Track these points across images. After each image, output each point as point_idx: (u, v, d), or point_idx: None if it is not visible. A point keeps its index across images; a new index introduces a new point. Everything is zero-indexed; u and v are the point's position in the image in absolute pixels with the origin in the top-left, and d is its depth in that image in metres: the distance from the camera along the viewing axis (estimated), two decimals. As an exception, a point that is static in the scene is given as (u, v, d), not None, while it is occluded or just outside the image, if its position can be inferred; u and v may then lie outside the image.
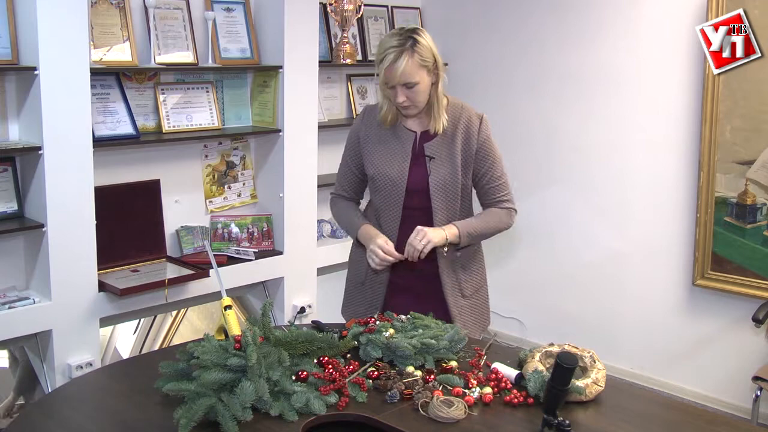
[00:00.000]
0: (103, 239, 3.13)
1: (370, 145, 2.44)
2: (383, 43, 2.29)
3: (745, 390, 3.59)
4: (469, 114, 2.42)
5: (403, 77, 2.25)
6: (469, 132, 2.39)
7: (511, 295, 4.45)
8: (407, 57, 2.24)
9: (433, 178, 2.37)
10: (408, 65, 2.24)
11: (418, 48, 2.25)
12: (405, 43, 2.25)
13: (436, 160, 2.37)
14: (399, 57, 2.23)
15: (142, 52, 3.34)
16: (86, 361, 3.09)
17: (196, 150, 3.66)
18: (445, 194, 2.38)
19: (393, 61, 2.24)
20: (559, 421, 1.70)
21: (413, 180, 2.38)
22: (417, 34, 2.27)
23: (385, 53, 2.25)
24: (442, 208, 2.39)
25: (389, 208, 2.42)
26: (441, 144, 2.38)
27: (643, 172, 3.95)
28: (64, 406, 1.94)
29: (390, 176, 2.40)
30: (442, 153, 2.38)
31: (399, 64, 2.23)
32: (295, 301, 3.86)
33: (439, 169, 2.37)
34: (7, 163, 3.01)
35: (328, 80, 4.21)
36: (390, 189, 2.40)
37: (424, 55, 2.26)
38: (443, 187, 2.38)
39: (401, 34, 2.27)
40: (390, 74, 2.26)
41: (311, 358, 2.01)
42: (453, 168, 2.37)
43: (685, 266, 3.85)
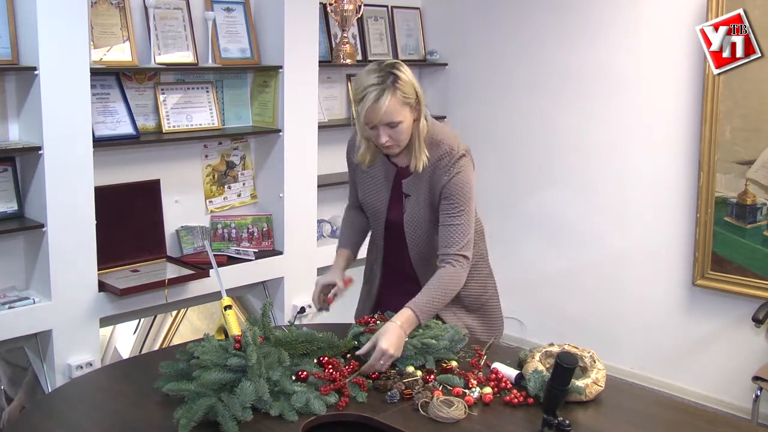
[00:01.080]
0: (103, 239, 3.13)
1: (359, 171, 2.42)
2: (361, 80, 2.14)
3: (745, 390, 3.59)
4: (443, 151, 2.24)
5: (386, 117, 2.11)
6: (436, 171, 2.24)
7: (511, 295, 4.43)
8: (389, 95, 2.09)
9: (407, 215, 2.32)
10: (391, 103, 2.10)
11: (400, 84, 2.11)
12: (386, 80, 2.10)
13: (411, 198, 2.30)
14: (381, 95, 2.09)
15: (142, 52, 3.34)
16: (86, 361, 3.09)
17: (196, 150, 3.66)
18: (418, 232, 2.32)
19: (375, 100, 2.09)
20: (559, 421, 1.70)
21: (392, 213, 2.35)
22: (397, 69, 2.13)
23: (365, 92, 2.11)
24: (416, 244, 2.34)
25: (375, 233, 2.45)
26: (416, 182, 2.29)
27: (643, 172, 3.95)
28: (64, 406, 1.95)
29: (373, 206, 2.39)
30: (418, 191, 2.29)
31: (381, 103, 2.09)
32: (295, 301, 3.86)
33: (413, 207, 2.30)
34: (7, 163, 3.01)
35: (328, 80, 4.21)
36: (373, 217, 2.41)
37: (406, 91, 2.12)
38: (416, 225, 2.31)
39: (380, 70, 2.12)
40: (372, 114, 2.11)
41: (311, 358, 2.01)
42: (424, 205, 2.29)
43: (685, 266, 3.85)
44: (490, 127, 4.50)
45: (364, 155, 2.31)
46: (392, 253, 2.42)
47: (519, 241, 4.42)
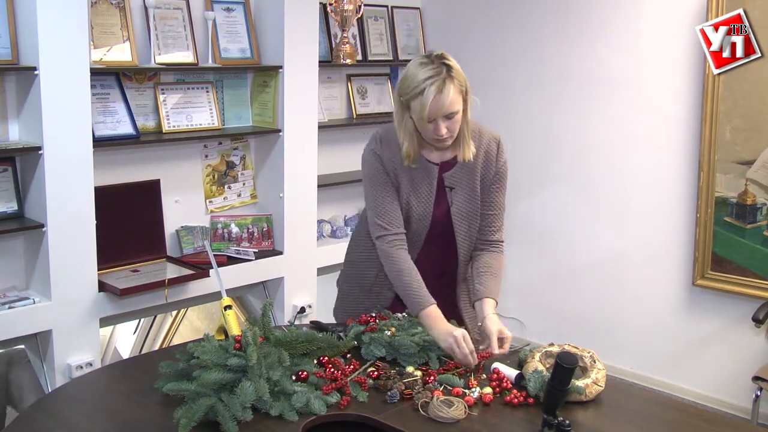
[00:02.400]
0: (103, 239, 3.13)
1: (401, 176, 2.28)
2: (414, 75, 2.10)
3: (745, 390, 3.59)
4: (487, 139, 2.34)
5: (449, 107, 2.10)
6: (488, 158, 2.32)
7: (511, 295, 4.45)
8: (450, 84, 2.09)
9: (455, 208, 2.32)
10: (453, 94, 2.09)
11: (455, 73, 2.11)
12: (441, 71, 2.09)
13: (457, 190, 2.31)
14: (443, 86, 2.08)
15: (142, 52, 3.34)
16: (86, 361, 3.09)
17: (196, 150, 3.66)
18: (468, 222, 2.34)
19: (437, 92, 2.07)
20: (559, 421, 1.70)
21: (437, 212, 2.33)
22: (446, 59, 2.13)
23: (423, 86, 2.07)
24: (465, 236, 2.36)
25: (413, 235, 2.34)
26: (461, 173, 2.31)
27: (643, 171, 3.95)
28: (64, 406, 1.94)
29: (418, 211, 2.31)
30: (463, 181, 2.31)
31: (446, 94, 2.08)
32: (295, 301, 3.86)
33: (459, 199, 2.31)
34: (7, 163, 3.01)
35: (328, 80, 4.21)
36: (416, 221, 2.32)
37: (460, 80, 2.13)
38: (465, 215, 2.33)
39: (432, 62, 2.11)
40: (436, 106, 2.08)
41: (311, 358, 2.01)
42: (473, 195, 2.32)
43: (685, 266, 3.85)
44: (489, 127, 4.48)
45: (409, 151, 2.24)
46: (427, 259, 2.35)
47: (519, 241, 4.42)
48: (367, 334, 2.13)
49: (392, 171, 2.29)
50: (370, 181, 2.31)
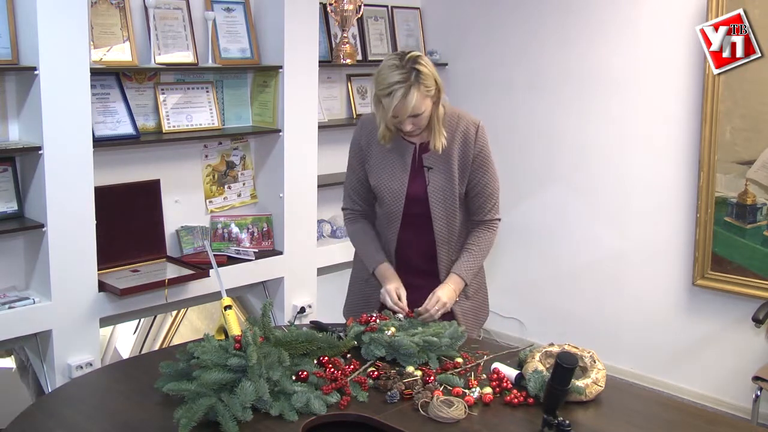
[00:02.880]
0: (103, 239, 3.13)
1: (372, 156, 2.46)
2: (385, 76, 2.24)
3: (745, 390, 3.59)
4: (466, 123, 2.42)
5: (413, 111, 2.25)
6: (466, 142, 2.41)
7: (511, 295, 4.45)
8: (415, 91, 2.22)
9: (432, 188, 2.40)
10: (417, 99, 2.23)
11: (423, 79, 2.23)
12: (410, 77, 2.22)
13: (434, 171, 2.40)
14: (408, 92, 2.21)
15: (142, 52, 3.34)
16: (86, 361, 3.09)
17: (196, 150, 3.66)
18: (444, 203, 2.41)
19: (402, 97, 2.21)
20: (559, 421, 1.70)
21: (413, 190, 2.42)
22: (418, 63, 2.24)
23: (391, 89, 2.22)
24: (442, 217, 2.43)
25: (390, 216, 2.46)
26: (439, 154, 2.40)
27: (643, 172, 3.95)
28: (64, 406, 1.95)
29: (390, 188, 2.43)
30: (440, 163, 2.40)
31: (409, 100, 2.22)
32: (295, 301, 3.86)
33: (437, 179, 2.40)
34: (7, 163, 3.01)
35: (328, 80, 4.21)
36: (391, 199, 2.44)
37: (428, 84, 2.25)
38: (442, 196, 2.41)
39: (403, 66, 2.23)
40: (400, 110, 2.24)
41: (311, 358, 2.01)
42: (450, 177, 2.40)
43: (685, 266, 3.85)
44: (489, 127, 4.41)
45: (384, 134, 2.39)
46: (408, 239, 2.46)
47: (519, 241, 4.42)
48: (367, 334, 2.13)
49: (367, 150, 2.48)
50: (348, 164, 2.56)
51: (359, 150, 2.50)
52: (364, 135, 2.48)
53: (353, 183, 2.54)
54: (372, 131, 2.44)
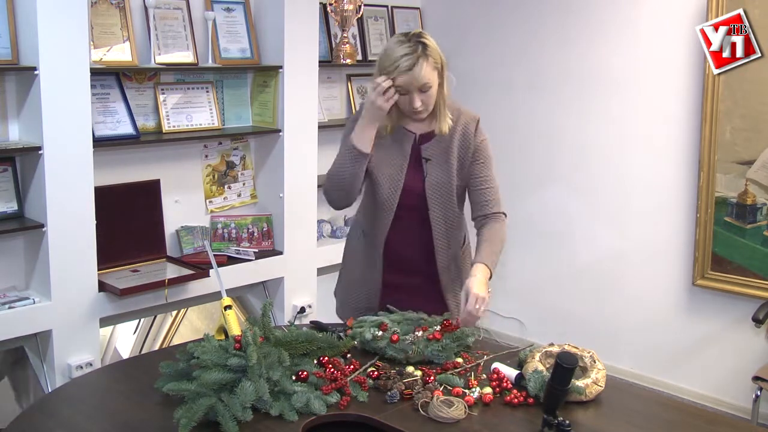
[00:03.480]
0: (103, 239, 3.13)
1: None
2: (392, 51, 2.25)
3: (745, 390, 3.59)
4: (466, 117, 2.43)
5: (422, 80, 2.24)
6: (466, 135, 2.41)
7: (511, 295, 4.45)
8: (423, 61, 2.23)
9: (429, 179, 2.39)
10: (425, 69, 2.24)
11: (429, 51, 2.25)
12: (417, 48, 2.23)
13: (433, 162, 2.39)
14: (416, 62, 2.22)
15: (142, 52, 3.34)
16: (86, 361, 3.09)
17: (196, 150, 3.66)
18: (441, 196, 2.40)
19: (409, 67, 2.22)
20: (559, 421, 1.70)
21: (410, 180, 2.40)
22: (423, 37, 2.27)
23: (398, 61, 2.22)
24: (438, 209, 2.40)
25: (384, 207, 2.41)
26: (438, 146, 2.39)
27: (643, 172, 3.95)
28: (64, 406, 1.94)
29: (388, 175, 2.40)
30: (439, 155, 2.39)
31: (417, 70, 2.22)
32: (295, 301, 3.86)
33: (435, 171, 2.39)
34: (7, 163, 3.01)
35: (328, 80, 4.21)
36: (387, 187, 2.40)
37: (435, 57, 2.27)
38: (439, 188, 2.39)
39: (409, 40, 2.25)
40: (408, 80, 2.24)
41: (311, 358, 2.01)
42: (449, 170, 2.39)
43: (685, 266, 3.85)
44: (489, 127, 4.43)
45: (386, 122, 2.37)
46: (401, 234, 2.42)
47: (519, 241, 4.42)
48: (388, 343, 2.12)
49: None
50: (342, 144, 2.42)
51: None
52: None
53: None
54: None
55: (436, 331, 2.14)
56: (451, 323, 2.18)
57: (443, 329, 2.16)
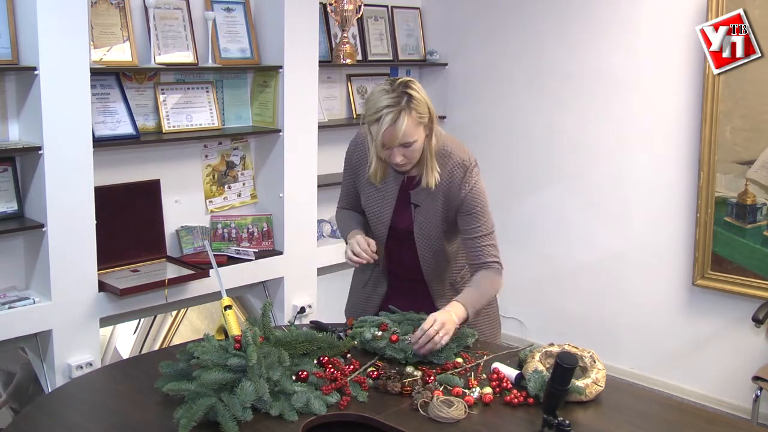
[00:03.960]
0: (103, 239, 3.13)
1: (361, 178, 2.38)
2: (375, 101, 2.13)
3: (745, 390, 3.59)
4: (454, 164, 2.26)
5: (403, 138, 2.12)
6: (452, 186, 2.26)
7: (511, 295, 4.44)
8: (406, 116, 2.09)
9: (418, 226, 2.32)
10: (408, 125, 2.10)
11: (414, 104, 2.11)
12: (401, 101, 2.10)
13: (422, 209, 2.31)
14: (398, 117, 2.09)
15: (142, 52, 3.34)
16: (86, 361, 3.09)
17: (196, 150, 3.66)
18: (429, 240, 2.34)
19: (392, 122, 2.09)
20: (559, 421, 1.70)
21: (397, 220, 2.35)
22: (410, 88, 2.13)
23: (380, 114, 2.10)
24: (427, 251, 2.35)
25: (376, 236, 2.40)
26: (425, 193, 2.29)
27: (643, 171, 3.95)
28: (64, 406, 1.95)
29: (375, 214, 2.37)
30: (427, 202, 2.30)
31: (399, 125, 2.09)
32: (295, 301, 3.86)
33: (423, 218, 2.31)
34: (7, 163, 3.01)
35: (328, 80, 4.21)
36: (376, 224, 2.39)
37: (420, 110, 2.13)
38: (427, 235, 2.33)
39: (394, 90, 2.12)
40: (389, 137, 2.11)
41: (311, 358, 2.01)
42: (435, 218, 2.31)
43: (685, 266, 3.85)
44: (489, 127, 4.50)
45: (376, 172, 2.30)
46: (396, 257, 2.41)
47: (519, 241, 4.42)
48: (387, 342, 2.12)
49: (357, 169, 2.40)
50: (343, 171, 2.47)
51: (351, 164, 2.41)
52: (356, 154, 2.39)
53: (345, 191, 2.49)
54: (363, 155, 2.35)
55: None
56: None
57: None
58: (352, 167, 2.42)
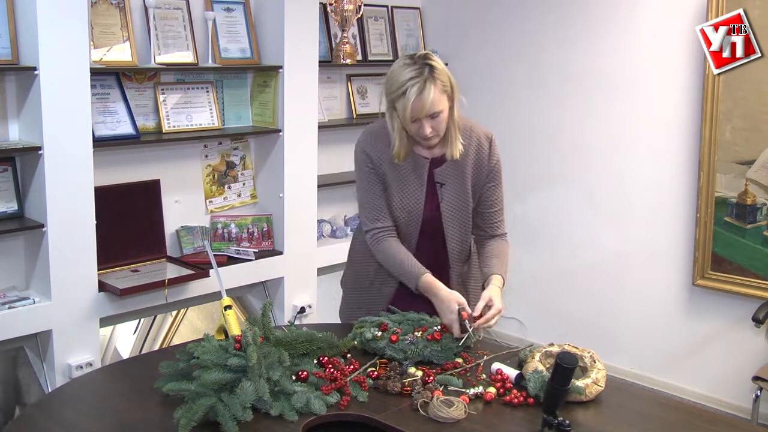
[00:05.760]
0: (103, 239, 3.13)
1: (388, 174, 2.33)
2: (398, 75, 2.15)
3: (745, 390, 3.59)
4: (478, 136, 2.35)
5: (431, 107, 2.14)
6: (480, 156, 2.34)
7: (511, 295, 4.43)
8: (431, 85, 2.13)
9: (445, 204, 2.33)
10: (435, 94, 2.13)
11: (437, 74, 2.15)
12: (423, 71, 2.13)
13: (447, 186, 2.33)
14: (424, 87, 2.12)
15: (142, 52, 3.34)
16: (86, 361, 3.09)
17: (196, 150, 3.66)
18: (458, 219, 2.35)
19: (418, 93, 2.12)
20: (559, 421, 1.70)
21: (428, 208, 2.34)
22: (430, 59, 2.16)
23: (405, 86, 2.12)
24: (455, 233, 2.37)
25: (405, 233, 2.37)
26: (451, 169, 2.32)
27: (643, 171, 3.95)
28: (64, 406, 1.95)
29: (406, 207, 2.33)
30: (453, 178, 2.33)
31: (426, 95, 2.12)
32: (295, 301, 3.86)
33: (449, 195, 2.33)
34: (7, 163, 3.01)
35: (328, 80, 4.21)
36: (407, 218, 2.35)
37: (443, 80, 2.17)
38: (455, 212, 2.35)
39: (415, 62, 2.15)
40: (418, 107, 2.13)
41: (311, 358, 2.01)
42: (464, 192, 2.33)
43: (685, 266, 3.85)
44: (489, 127, 4.45)
45: (399, 150, 2.29)
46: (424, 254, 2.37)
47: (519, 241, 4.41)
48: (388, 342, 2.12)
49: (380, 167, 2.33)
50: (359, 177, 2.38)
51: (371, 162, 2.33)
52: (374, 146, 2.33)
53: (373, 199, 2.34)
54: (382, 147, 2.31)
55: (436, 331, 2.14)
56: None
57: (443, 330, 2.16)
58: (373, 166, 2.33)
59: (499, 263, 2.34)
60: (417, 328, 2.18)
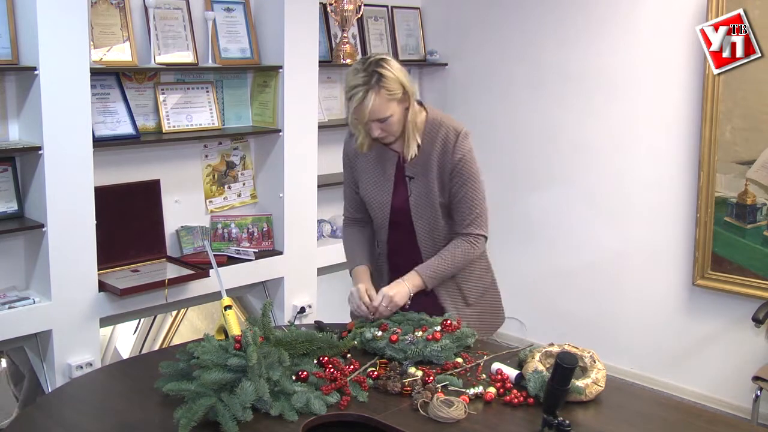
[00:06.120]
0: (103, 239, 3.13)
1: (358, 166, 2.46)
2: (348, 80, 2.25)
3: (745, 390, 3.59)
4: (446, 130, 2.35)
5: (372, 115, 2.23)
6: (445, 150, 2.34)
7: (511, 295, 4.42)
8: (373, 95, 2.20)
9: (413, 198, 2.38)
10: (376, 103, 2.21)
11: (384, 82, 2.20)
12: (370, 80, 2.20)
13: (416, 180, 2.36)
14: (366, 96, 2.20)
15: (142, 52, 3.34)
16: (86, 361, 3.09)
17: (196, 150, 3.66)
18: (425, 213, 2.37)
19: (360, 100, 2.21)
20: (559, 421, 1.70)
21: (397, 200, 2.40)
22: (381, 66, 2.22)
23: (351, 93, 2.23)
24: (424, 227, 2.39)
25: (379, 225, 2.47)
26: (420, 163, 2.36)
27: (643, 171, 3.95)
28: (64, 406, 1.95)
29: (376, 198, 2.42)
30: (421, 172, 2.36)
31: (366, 103, 2.20)
32: (295, 301, 3.86)
33: (418, 189, 2.37)
34: (7, 163, 3.01)
35: (328, 80, 4.21)
36: (377, 209, 2.44)
37: (391, 88, 2.22)
38: (423, 206, 2.37)
39: (365, 69, 2.22)
40: (360, 113, 2.24)
41: (311, 358, 2.01)
42: (430, 186, 2.35)
43: (685, 266, 3.85)
44: (489, 127, 4.50)
45: (362, 142, 2.40)
46: (397, 246, 2.45)
47: (519, 241, 4.42)
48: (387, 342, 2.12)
49: (354, 161, 2.48)
50: (343, 174, 2.55)
51: (348, 160, 2.50)
52: (348, 145, 2.50)
53: (348, 192, 2.55)
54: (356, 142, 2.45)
55: (435, 331, 2.14)
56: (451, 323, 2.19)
57: (443, 329, 2.16)
58: (348, 158, 2.50)
59: (433, 262, 2.34)
60: (417, 328, 2.18)
